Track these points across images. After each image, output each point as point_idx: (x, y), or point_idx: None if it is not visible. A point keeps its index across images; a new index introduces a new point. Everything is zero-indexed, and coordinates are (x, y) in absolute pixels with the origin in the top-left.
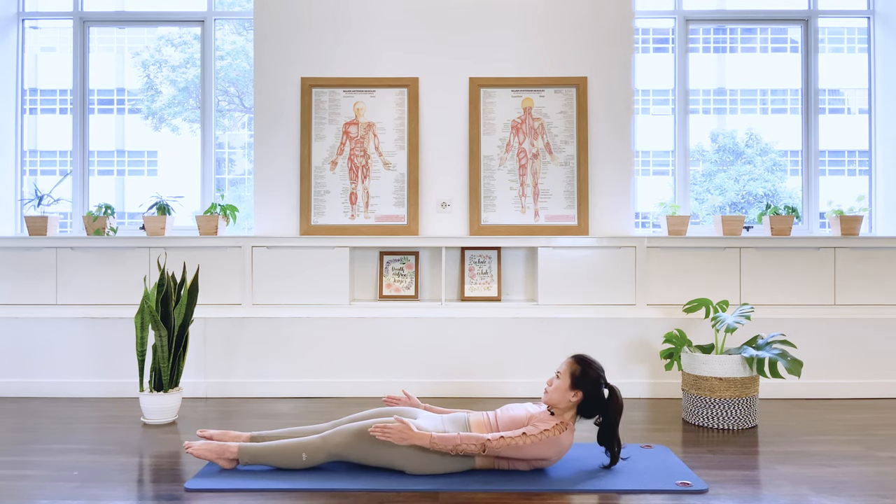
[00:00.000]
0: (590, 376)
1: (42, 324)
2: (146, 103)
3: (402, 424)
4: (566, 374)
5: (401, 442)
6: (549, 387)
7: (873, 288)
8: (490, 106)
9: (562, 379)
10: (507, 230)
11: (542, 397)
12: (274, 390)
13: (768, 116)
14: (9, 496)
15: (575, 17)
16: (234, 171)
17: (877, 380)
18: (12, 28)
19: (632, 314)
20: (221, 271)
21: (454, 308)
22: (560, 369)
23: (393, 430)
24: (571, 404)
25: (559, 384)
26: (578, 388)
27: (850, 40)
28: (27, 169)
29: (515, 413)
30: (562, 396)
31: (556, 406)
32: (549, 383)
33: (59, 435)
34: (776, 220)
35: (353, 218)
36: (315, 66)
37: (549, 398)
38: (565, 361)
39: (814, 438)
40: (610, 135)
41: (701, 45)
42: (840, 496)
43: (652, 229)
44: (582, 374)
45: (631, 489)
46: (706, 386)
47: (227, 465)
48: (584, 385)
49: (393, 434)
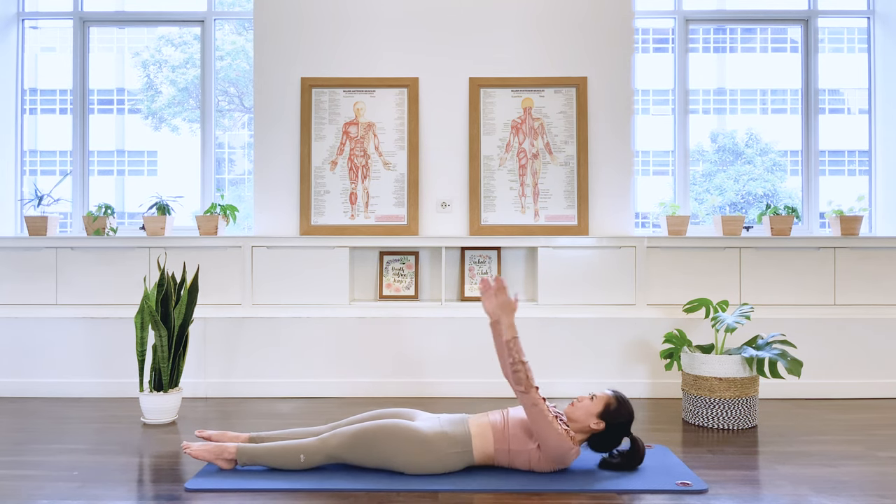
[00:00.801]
0: (621, 415)
1: (42, 324)
2: (146, 103)
3: (514, 302)
4: (601, 402)
5: (499, 308)
6: (577, 402)
7: (873, 288)
8: (490, 106)
9: (594, 403)
10: (507, 230)
11: (564, 409)
12: (274, 390)
13: (768, 116)
14: (9, 496)
15: (575, 17)
16: (234, 171)
17: (877, 380)
18: (12, 28)
19: (632, 314)
20: (221, 271)
21: (454, 308)
22: (596, 394)
23: (503, 293)
24: (589, 430)
25: (589, 406)
26: (604, 419)
27: (850, 40)
28: (27, 169)
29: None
30: (586, 418)
31: (575, 423)
32: (578, 399)
33: (59, 435)
34: (776, 220)
35: (353, 218)
36: (315, 66)
37: (573, 412)
38: (605, 391)
39: (814, 438)
40: (610, 135)
41: (701, 45)
42: (840, 496)
43: (652, 229)
44: (615, 410)
45: (631, 489)
46: (706, 386)
47: (225, 465)
48: (610, 419)
49: (501, 295)
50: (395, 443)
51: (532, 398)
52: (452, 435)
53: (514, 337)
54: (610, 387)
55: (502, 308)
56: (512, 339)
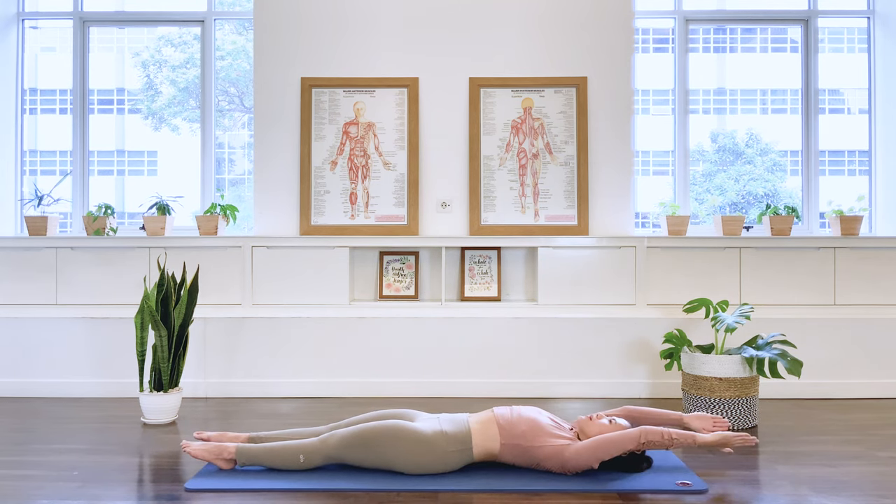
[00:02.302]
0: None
1: (42, 324)
2: (146, 103)
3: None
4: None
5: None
6: (595, 419)
7: (873, 288)
8: (490, 106)
9: (612, 426)
10: (507, 230)
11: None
12: (274, 390)
13: (768, 116)
14: (9, 496)
15: (575, 17)
16: (234, 171)
17: (877, 380)
18: (12, 28)
19: (632, 314)
20: (221, 271)
21: (454, 308)
22: (615, 418)
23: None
24: None
25: (607, 428)
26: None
27: (849, 40)
28: (27, 169)
29: (531, 415)
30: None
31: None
32: (597, 417)
33: (59, 435)
34: (776, 220)
35: (353, 218)
36: (315, 66)
37: (587, 428)
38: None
39: (814, 438)
40: (610, 135)
41: (701, 45)
42: (840, 496)
43: (652, 229)
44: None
45: (631, 489)
46: (706, 386)
47: (224, 465)
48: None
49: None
50: (395, 443)
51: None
52: (452, 434)
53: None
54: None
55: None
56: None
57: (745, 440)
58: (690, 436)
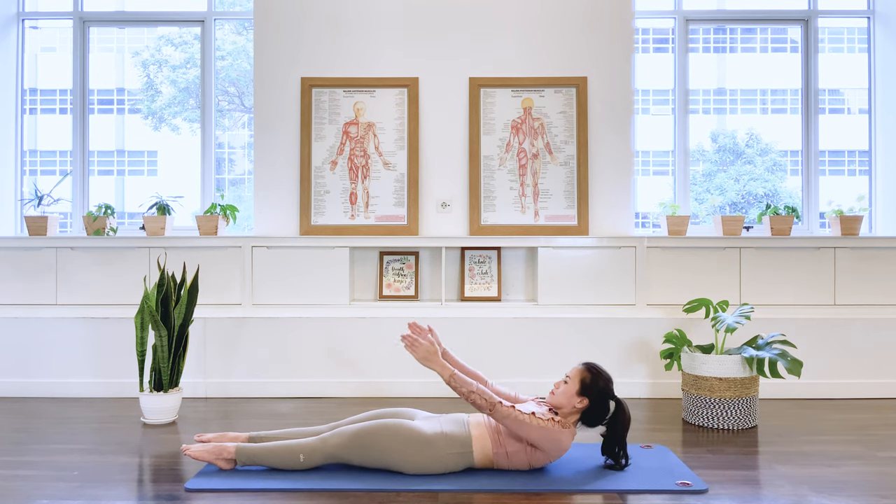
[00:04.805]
0: (598, 385)
1: (42, 324)
2: (146, 103)
3: (431, 346)
4: (575, 380)
5: (422, 361)
6: (556, 389)
7: (873, 288)
8: (490, 106)
9: (570, 384)
10: (507, 230)
11: (546, 398)
12: (274, 390)
13: (768, 116)
14: (9, 496)
15: (575, 17)
16: (234, 171)
17: (877, 380)
18: (12, 28)
19: (632, 314)
20: (221, 271)
21: (454, 308)
22: (569, 374)
23: (420, 347)
24: (576, 410)
25: (567, 388)
26: (585, 395)
27: (850, 40)
28: (27, 169)
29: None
30: (568, 401)
31: (561, 409)
32: (556, 386)
33: (59, 435)
34: (776, 220)
35: (353, 218)
36: (315, 66)
37: (555, 400)
38: (576, 367)
39: (814, 438)
40: (610, 135)
41: (701, 45)
42: (840, 496)
43: (652, 229)
44: (591, 382)
45: (631, 489)
46: (706, 386)
47: (224, 465)
48: (591, 393)
49: (419, 350)
50: (395, 442)
51: (501, 413)
52: (452, 435)
53: (450, 375)
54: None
55: (425, 356)
56: (450, 378)
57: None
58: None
